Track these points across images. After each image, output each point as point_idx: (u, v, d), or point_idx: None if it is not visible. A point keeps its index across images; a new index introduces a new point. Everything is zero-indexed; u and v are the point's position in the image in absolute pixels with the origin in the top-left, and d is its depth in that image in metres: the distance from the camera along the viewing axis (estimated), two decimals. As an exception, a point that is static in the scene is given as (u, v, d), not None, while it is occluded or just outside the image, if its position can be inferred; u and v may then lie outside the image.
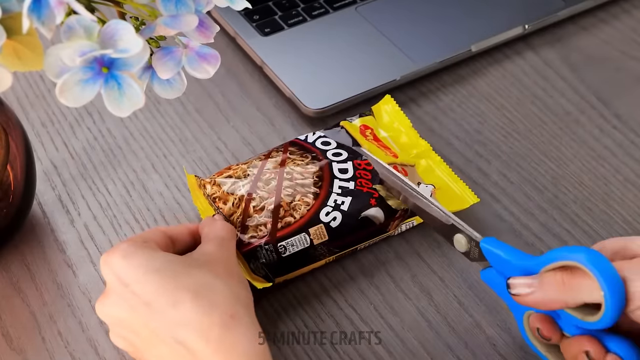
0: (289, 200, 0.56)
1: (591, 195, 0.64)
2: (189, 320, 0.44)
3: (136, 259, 0.47)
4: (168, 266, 0.46)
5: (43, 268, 0.58)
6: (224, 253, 0.50)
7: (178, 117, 0.69)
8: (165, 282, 0.45)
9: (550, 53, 0.76)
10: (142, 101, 0.40)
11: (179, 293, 0.45)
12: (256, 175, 0.57)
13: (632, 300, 0.42)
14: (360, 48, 0.73)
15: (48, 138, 0.67)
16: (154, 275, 0.46)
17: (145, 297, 0.45)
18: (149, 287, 0.45)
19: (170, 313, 0.44)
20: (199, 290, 0.45)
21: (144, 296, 0.45)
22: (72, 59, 0.38)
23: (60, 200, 0.62)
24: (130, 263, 0.46)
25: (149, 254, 0.47)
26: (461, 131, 0.68)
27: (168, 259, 0.47)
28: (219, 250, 0.50)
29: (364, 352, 0.53)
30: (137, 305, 0.45)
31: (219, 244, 0.50)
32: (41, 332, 0.54)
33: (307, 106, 0.68)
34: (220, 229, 0.52)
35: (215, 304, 0.45)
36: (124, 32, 0.39)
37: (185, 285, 0.45)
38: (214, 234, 0.51)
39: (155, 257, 0.47)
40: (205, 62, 0.45)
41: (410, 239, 0.60)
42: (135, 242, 0.48)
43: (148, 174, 0.64)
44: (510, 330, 0.55)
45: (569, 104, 0.71)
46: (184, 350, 0.44)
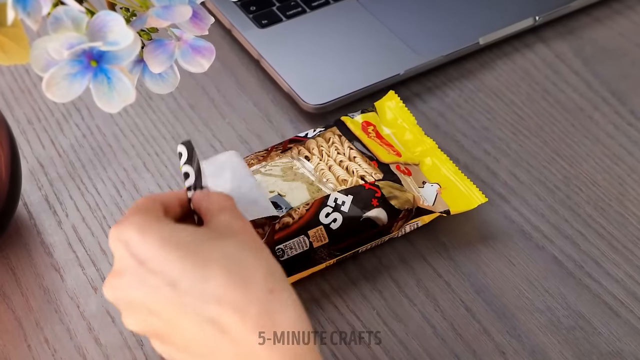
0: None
1: (605, 195, 0.64)
2: (221, 296, 0.42)
3: (154, 233, 0.44)
4: (190, 239, 0.44)
5: (29, 272, 0.58)
6: (242, 223, 0.47)
7: (171, 113, 0.69)
8: (191, 258, 0.43)
9: (562, 46, 0.76)
10: (133, 96, 0.40)
11: (207, 268, 0.43)
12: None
13: None
14: (362, 41, 0.73)
15: (34, 135, 0.67)
16: (175, 251, 0.43)
17: (169, 275, 0.43)
18: (172, 264, 0.43)
19: (199, 290, 0.42)
20: (230, 265, 0.43)
21: (167, 274, 0.43)
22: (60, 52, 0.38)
23: (47, 200, 0.62)
24: (148, 238, 0.44)
25: (167, 226, 0.45)
26: (468, 128, 0.69)
27: (188, 231, 0.45)
28: (235, 220, 0.47)
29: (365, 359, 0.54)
30: (158, 285, 0.43)
31: (231, 215, 0.47)
32: (27, 339, 0.54)
33: (307, 102, 0.68)
34: (222, 199, 0.49)
35: (251, 278, 0.43)
36: (113, 23, 0.39)
37: (214, 259, 0.43)
38: (218, 205, 0.48)
39: (174, 229, 0.45)
40: (200, 55, 0.45)
41: (415, 241, 0.60)
42: (149, 213, 0.46)
43: (139, 173, 0.65)
44: (520, 338, 0.55)
45: (581, 99, 0.71)
46: (216, 330, 0.42)
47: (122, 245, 0.45)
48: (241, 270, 0.43)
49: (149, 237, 0.44)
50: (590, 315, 0.56)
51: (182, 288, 0.42)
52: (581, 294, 0.57)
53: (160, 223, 0.45)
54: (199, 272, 0.43)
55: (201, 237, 0.45)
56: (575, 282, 0.58)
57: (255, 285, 0.42)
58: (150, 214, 0.46)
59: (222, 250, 0.44)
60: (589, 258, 0.59)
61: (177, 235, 0.44)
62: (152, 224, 0.45)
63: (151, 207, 0.47)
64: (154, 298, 0.44)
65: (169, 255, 0.43)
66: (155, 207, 0.47)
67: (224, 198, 0.49)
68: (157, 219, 0.46)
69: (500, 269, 0.58)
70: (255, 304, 0.42)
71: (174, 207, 0.49)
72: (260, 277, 0.43)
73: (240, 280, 0.42)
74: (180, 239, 0.44)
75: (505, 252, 0.59)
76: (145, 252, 0.44)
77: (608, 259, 0.59)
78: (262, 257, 0.45)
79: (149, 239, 0.44)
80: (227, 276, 0.42)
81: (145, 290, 0.44)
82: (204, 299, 0.42)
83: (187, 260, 0.43)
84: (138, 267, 0.44)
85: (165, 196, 0.49)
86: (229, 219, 0.47)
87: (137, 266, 0.44)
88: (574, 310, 0.56)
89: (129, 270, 0.44)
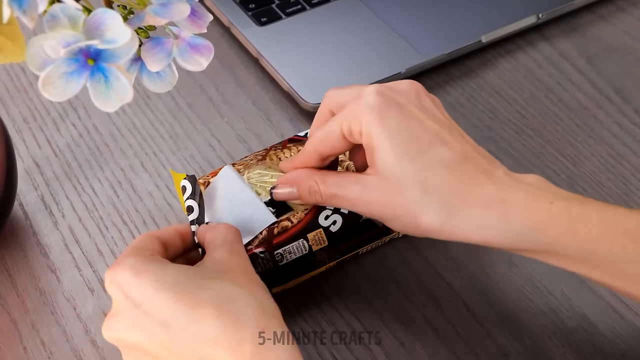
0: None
1: (609, 195, 0.64)
2: (214, 336, 0.43)
3: (147, 274, 0.45)
4: (183, 280, 0.45)
5: (25, 273, 0.58)
6: (238, 259, 0.49)
7: (169, 112, 0.69)
8: (183, 298, 0.44)
9: (566, 44, 0.76)
10: (131, 95, 0.40)
11: (199, 309, 0.44)
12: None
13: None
14: (363, 38, 0.73)
15: (30, 134, 0.67)
16: (169, 292, 0.44)
17: (162, 316, 0.44)
18: (165, 305, 0.44)
19: (192, 331, 0.43)
20: (222, 304, 0.44)
21: (160, 316, 0.44)
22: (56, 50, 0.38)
23: (43, 200, 0.62)
24: (141, 280, 0.45)
25: (160, 267, 0.46)
26: (470, 127, 0.68)
27: (181, 272, 0.46)
28: (232, 256, 0.49)
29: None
30: (152, 326, 0.44)
31: (230, 250, 0.49)
32: (23, 341, 0.54)
33: (307, 101, 0.68)
34: (225, 232, 0.51)
35: (243, 317, 0.44)
36: (111, 21, 0.39)
37: (206, 299, 0.44)
38: (220, 239, 0.50)
39: (168, 270, 0.46)
40: (198, 53, 0.45)
41: (416, 242, 0.60)
42: (142, 255, 0.47)
43: (137, 173, 0.64)
44: (523, 340, 0.55)
45: (585, 98, 0.71)
46: None
47: (117, 288, 0.46)
48: (233, 310, 0.44)
49: (143, 279, 0.45)
50: (594, 318, 0.56)
51: (176, 329, 0.44)
52: (585, 296, 0.57)
53: (155, 263, 0.46)
54: (192, 312, 0.44)
55: (196, 275, 0.46)
56: (578, 284, 0.58)
57: (247, 324, 0.44)
58: (144, 254, 0.47)
59: (214, 289, 0.45)
60: (593, 259, 0.59)
61: (171, 276, 0.46)
62: (146, 265, 0.46)
63: (147, 246, 0.49)
64: (149, 339, 0.45)
65: (162, 296, 0.44)
66: (151, 246, 0.49)
67: (225, 232, 0.51)
68: (151, 259, 0.47)
69: (503, 270, 0.58)
70: (247, 344, 0.43)
71: (174, 242, 0.51)
72: (253, 316, 0.44)
73: (232, 320, 0.44)
74: (174, 279, 0.45)
75: (508, 253, 0.59)
76: (139, 294, 0.45)
77: (612, 260, 0.59)
78: (254, 293, 0.46)
79: (143, 280, 0.45)
80: (218, 316, 0.44)
81: (140, 332, 0.45)
82: (197, 339, 0.43)
83: (179, 301, 0.44)
84: (133, 309, 0.45)
85: (164, 232, 0.51)
86: (227, 254, 0.49)
87: (132, 308, 0.45)
88: (578, 312, 0.56)
89: (124, 312, 0.46)
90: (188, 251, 0.53)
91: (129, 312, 0.45)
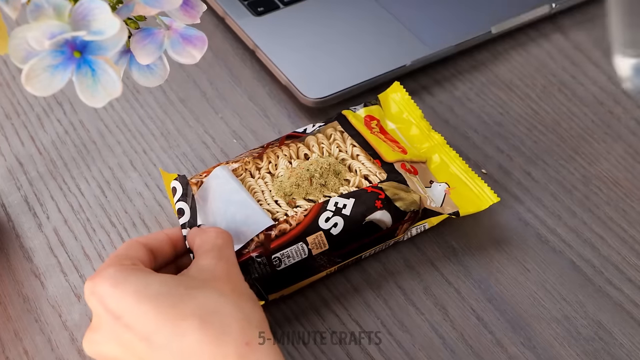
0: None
1: (627, 196, 0.64)
2: (198, 351, 0.43)
3: (128, 285, 0.45)
4: (166, 290, 0.45)
5: (7, 278, 0.58)
6: (225, 266, 0.49)
7: (159, 107, 0.69)
8: (166, 311, 0.44)
9: (581, 35, 0.76)
10: (119, 89, 0.40)
11: (182, 322, 0.44)
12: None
13: None
14: (366, 29, 0.73)
15: (13, 131, 0.67)
16: (150, 304, 0.45)
17: (143, 330, 0.44)
18: (146, 318, 0.44)
19: (175, 346, 0.43)
20: (206, 316, 0.44)
21: (141, 329, 0.44)
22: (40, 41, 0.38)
23: (26, 201, 0.62)
24: (122, 291, 0.45)
25: (142, 278, 0.46)
26: (479, 123, 0.69)
27: (164, 282, 0.46)
28: (219, 263, 0.49)
29: (369, 374, 0.54)
30: (132, 340, 0.44)
31: (217, 256, 0.49)
32: (5, 350, 0.54)
33: (306, 95, 0.68)
34: (215, 237, 0.51)
35: (227, 330, 0.44)
36: (98, 11, 0.39)
37: (189, 311, 0.44)
38: (209, 244, 0.50)
39: (150, 281, 0.46)
40: (191, 45, 0.45)
41: (422, 245, 0.60)
42: (123, 265, 0.47)
43: (126, 172, 0.65)
44: (535, 349, 0.55)
45: (602, 93, 0.71)
46: None
47: (96, 300, 0.46)
48: (217, 322, 0.44)
49: (124, 291, 0.45)
50: (610, 325, 0.56)
51: (158, 343, 0.44)
52: (601, 302, 0.57)
53: (136, 274, 0.47)
54: (174, 326, 0.44)
55: (179, 286, 0.46)
56: (594, 290, 0.58)
57: (230, 337, 0.44)
58: (125, 264, 0.47)
59: (197, 300, 0.45)
60: (610, 263, 0.59)
61: (153, 286, 0.46)
62: (127, 276, 0.46)
63: (131, 254, 0.49)
64: (129, 354, 0.45)
65: (143, 308, 0.45)
66: (136, 254, 0.49)
67: (214, 236, 0.51)
68: (133, 269, 0.47)
69: (514, 275, 0.58)
70: (231, 358, 0.43)
71: (163, 249, 0.52)
72: (237, 329, 0.44)
73: (216, 334, 0.44)
74: (156, 290, 0.45)
75: (519, 257, 0.59)
76: (119, 307, 0.45)
77: (630, 265, 0.59)
78: (240, 303, 0.46)
79: (123, 292, 0.45)
80: (202, 330, 0.44)
81: (120, 346, 0.45)
82: (180, 354, 0.44)
83: (161, 313, 0.44)
84: (113, 322, 0.45)
85: (152, 238, 0.52)
86: (214, 261, 0.49)
87: (112, 321, 0.45)
88: (593, 319, 0.56)
89: (104, 325, 0.46)
90: (180, 257, 0.53)
91: (109, 325, 0.45)
